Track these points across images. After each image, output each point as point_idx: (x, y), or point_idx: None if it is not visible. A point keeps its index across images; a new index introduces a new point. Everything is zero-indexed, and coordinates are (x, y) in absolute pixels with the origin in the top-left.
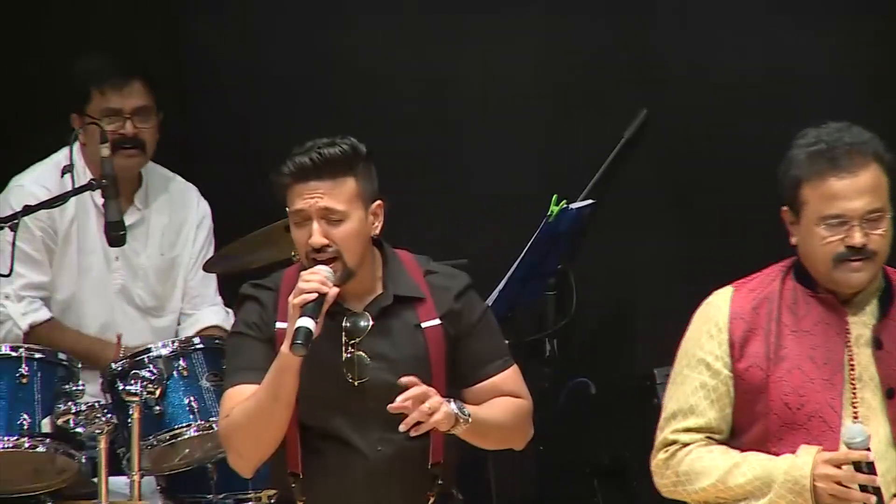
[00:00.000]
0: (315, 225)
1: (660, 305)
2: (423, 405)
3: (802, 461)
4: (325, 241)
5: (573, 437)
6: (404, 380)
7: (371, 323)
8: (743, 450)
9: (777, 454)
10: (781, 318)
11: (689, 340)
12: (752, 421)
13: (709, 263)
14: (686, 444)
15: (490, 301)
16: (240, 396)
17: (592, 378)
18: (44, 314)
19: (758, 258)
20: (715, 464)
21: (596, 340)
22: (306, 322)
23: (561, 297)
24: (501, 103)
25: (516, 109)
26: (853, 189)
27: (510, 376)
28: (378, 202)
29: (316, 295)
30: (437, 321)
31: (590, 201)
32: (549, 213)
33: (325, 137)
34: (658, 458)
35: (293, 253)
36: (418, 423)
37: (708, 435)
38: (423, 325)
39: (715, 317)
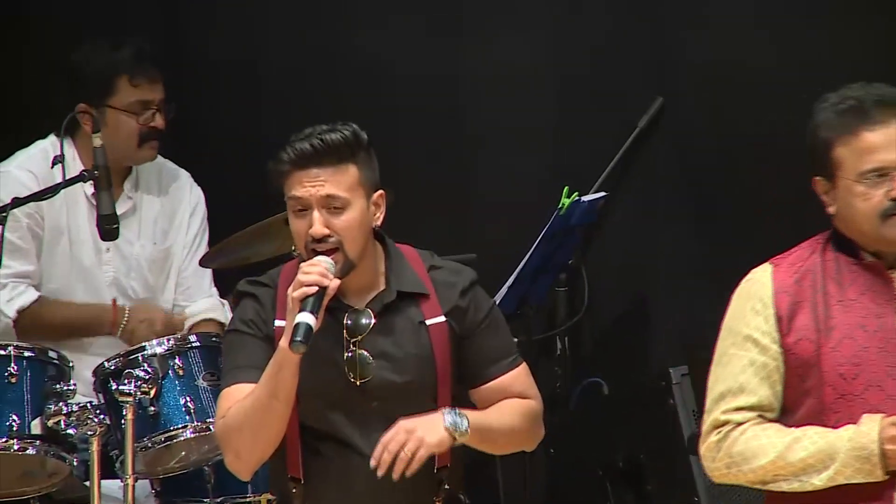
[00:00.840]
0: (315, 214)
1: (675, 302)
2: (404, 449)
3: (868, 427)
4: (327, 231)
5: (585, 438)
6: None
7: (373, 320)
8: (797, 427)
9: (835, 428)
10: (827, 289)
11: (732, 319)
12: (804, 397)
13: (726, 259)
14: (739, 424)
15: (498, 298)
16: (237, 395)
17: (605, 378)
18: (30, 295)
19: (776, 251)
20: (772, 441)
21: (609, 338)
22: (306, 318)
23: (572, 293)
24: (511, 94)
25: (527, 100)
26: (889, 139)
27: (519, 376)
28: (380, 192)
29: (316, 289)
30: (442, 318)
31: (602, 193)
32: (560, 205)
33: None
34: (709, 440)
35: (293, 248)
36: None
37: (760, 413)
38: (428, 322)
39: (759, 292)
